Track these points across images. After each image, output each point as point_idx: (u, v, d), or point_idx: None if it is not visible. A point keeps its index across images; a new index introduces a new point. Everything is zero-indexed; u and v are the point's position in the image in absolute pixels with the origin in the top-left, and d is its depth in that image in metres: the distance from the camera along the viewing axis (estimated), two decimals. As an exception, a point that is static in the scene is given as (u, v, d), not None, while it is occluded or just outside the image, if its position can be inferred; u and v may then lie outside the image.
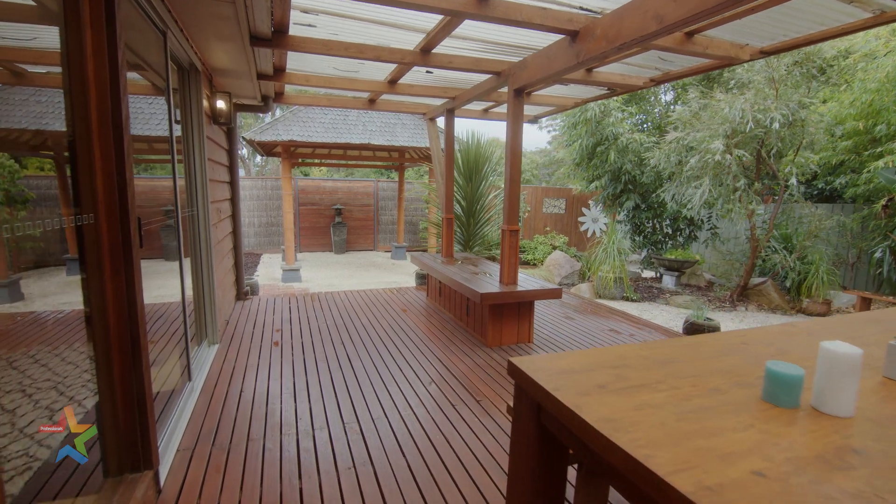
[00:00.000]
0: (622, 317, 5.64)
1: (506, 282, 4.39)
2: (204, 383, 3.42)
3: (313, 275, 10.57)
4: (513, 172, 4.22)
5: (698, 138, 7.46)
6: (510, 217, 4.29)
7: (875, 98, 6.83)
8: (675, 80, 4.78)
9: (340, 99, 6.25)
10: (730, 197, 7.66)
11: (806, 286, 8.32)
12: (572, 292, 8.92)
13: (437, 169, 6.40)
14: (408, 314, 5.42)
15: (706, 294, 9.26)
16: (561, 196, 14.16)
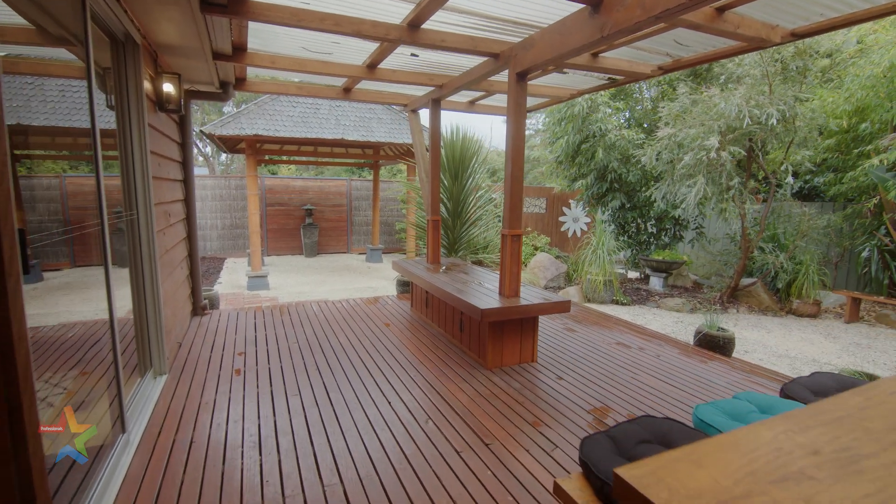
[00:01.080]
0: (626, 327, 5.19)
1: (507, 294, 3.84)
2: (144, 432, 2.73)
3: (282, 281, 9.79)
4: (514, 169, 3.68)
5: (691, 135, 7.12)
6: (512, 220, 3.75)
7: (870, 94, 6.64)
8: (686, 67, 4.35)
9: (311, 87, 5.58)
10: (723, 196, 7.37)
11: (796, 287, 8.14)
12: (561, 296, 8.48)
13: (420, 166, 5.81)
14: (391, 329, 4.81)
15: (695, 295, 9.00)
16: (542, 195, 13.78)
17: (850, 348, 6.33)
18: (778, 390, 3.24)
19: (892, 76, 6.36)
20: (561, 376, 3.67)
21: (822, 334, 6.96)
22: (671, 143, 7.46)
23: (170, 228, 4.14)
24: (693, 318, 7.70)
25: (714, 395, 3.42)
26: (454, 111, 6.16)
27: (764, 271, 8.41)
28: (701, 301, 8.57)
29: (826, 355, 5.99)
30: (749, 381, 3.69)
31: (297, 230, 13.58)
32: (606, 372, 3.80)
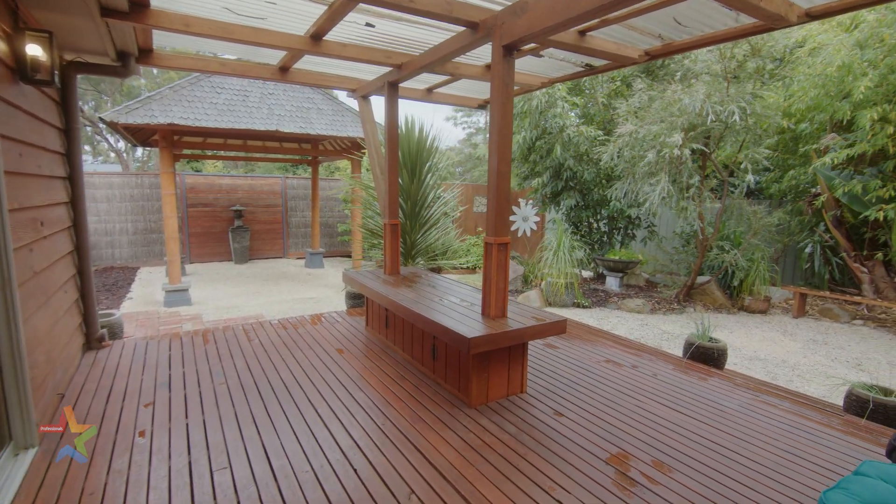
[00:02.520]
0: (608, 339, 4.73)
1: (493, 314, 3.19)
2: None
3: (208, 293, 8.54)
4: (500, 165, 3.03)
5: (654, 131, 6.88)
6: (498, 225, 3.10)
7: (821, 93, 6.72)
8: (676, 53, 3.92)
9: (239, 64, 4.60)
10: (683, 194, 7.22)
11: (747, 284, 8.22)
12: (521, 301, 8.02)
13: (373, 161, 5.01)
14: (346, 358, 4.00)
15: (651, 295, 8.90)
16: (491, 194, 13.31)
17: (810, 345, 6.35)
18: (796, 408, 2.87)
19: (841, 76, 6.44)
20: (559, 411, 3.08)
21: (779, 332, 6.98)
22: (632, 139, 7.20)
23: (43, 242, 3.08)
24: (655, 319, 7.52)
25: (731, 422, 2.97)
26: (407, 99, 5.43)
27: (717, 269, 8.44)
28: (658, 301, 8.45)
29: (792, 355, 5.93)
30: (760, 402, 3.30)
31: (225, 234, 12.17)
32: (607, 400, 3.26)
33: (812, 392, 4.80)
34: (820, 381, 5.07)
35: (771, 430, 2.92)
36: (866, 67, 6.34)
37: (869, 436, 2.88)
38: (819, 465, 2.56)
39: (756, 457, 2.61)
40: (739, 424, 2.98)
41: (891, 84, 6.22)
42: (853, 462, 2.58)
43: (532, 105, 8.28)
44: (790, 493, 2.30)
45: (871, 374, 5.28)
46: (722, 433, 2.86)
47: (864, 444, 2.77)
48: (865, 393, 3.14)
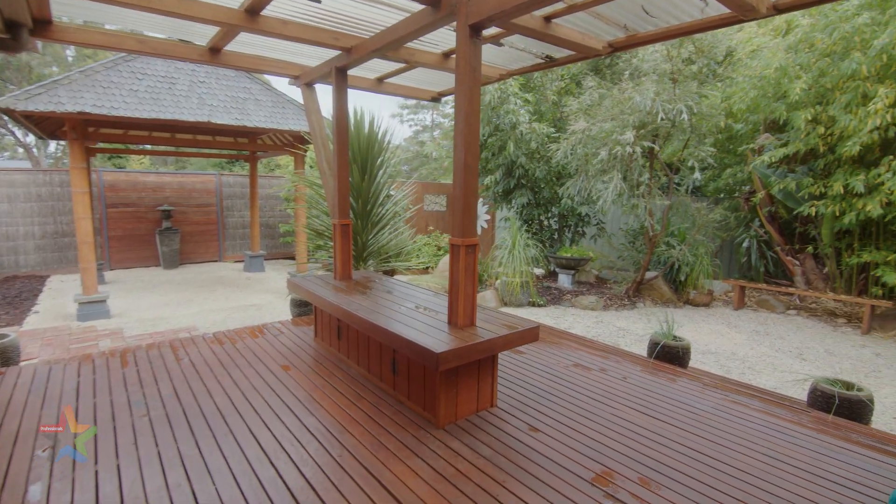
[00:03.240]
0: (572, 340, 4.59)
1: (460, 324, 2.89)
2: None
3: (131, 304, 7.65)
4: (468, 158, 2.74)
5: (606, 129, 6.89)
6: (465, 225, 2.80)
7: (760, 94, 7.00)
8: (639, 45, 3.81)
9: (161, 43, 4.00)
10: (634, 192, 7.30)
11: (691, 278, 8.49)
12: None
13: (320, 156, 4.56)
14: (294, 375, 3.56)
15: (602, 291, 9.00)
16: (442, 192, 13.08)
17: (754, 337, 6.59)
18: (759, 407, 2.83)
19: (778, 78, 6.73)
20: (534, 426, 2.84)
21: (724, 324, 7.23)
22: (585, 137, 7.18)
23: None
24: (608, 315, 7.57)
25: (708, 427, 2.87)
26: (356, 89, 5.02)
27: (664, 265, 8.66)
28: (610, 297, 8.55)
29: (740, 347, 6.11)
30: (731, 402, 3.24)
31: (152, 236, 11.09)
32: (582, 409, 3.07)
33: (764, 384, 4.91)
34: (770, 373, 5.21)
35: (747, 432, 2.83)
36: (799, 71, 6.66)
37: (839, 432, 2.87)
38: (801, 468, 2.48)
39: (739, 464, 2.50)
40: (716, 428, 2.87)
41: (822, 87, 6.56)
42: (833, 462, 2.52)
43: (485, 101, 8.08)
44: (781, 502, 2.18)
45: (812, 363, 5.52)
46: (701, 439, 2.73)
47: (837, 443, 2.74)
48: (830, 388, 3.15)
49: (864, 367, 5.40)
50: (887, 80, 5.92)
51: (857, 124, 6.02)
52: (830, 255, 7.58)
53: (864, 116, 5.93)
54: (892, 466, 2.51)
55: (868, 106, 5.86)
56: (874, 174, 6.14)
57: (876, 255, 6.64)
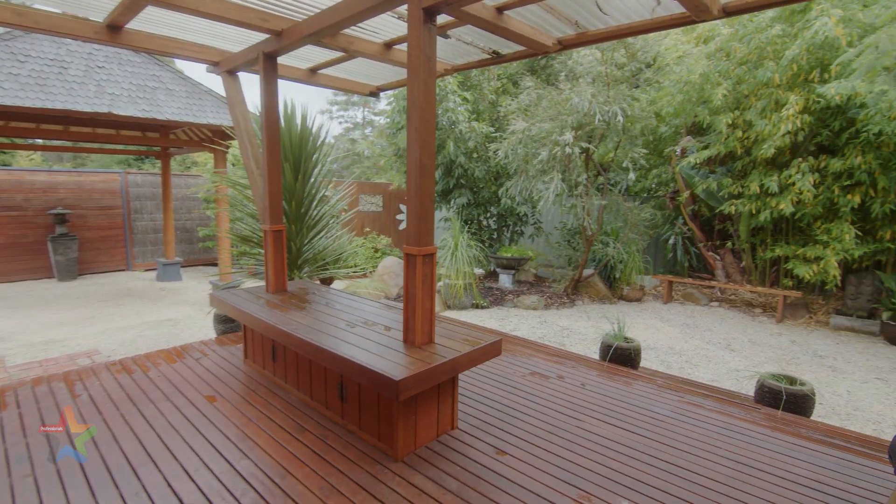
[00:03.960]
0: (525, 346, 4.45)
1: (418, 342, 2.61)
2: None
3: (16, 325, 6.51)
4: (423, 157, 2.46)
5: (546, 129, 6.90)
6: (421, 231, 2.52)
7: (685, 98, 7.35)
8: (589, 44, 3.73)
9: (45, 16, 3.30)
10: (573, 192, 7.39)
11: (624, 275, 8.81)
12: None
13: (246, 154, 4.05)
14: (221, 407, 3.08)
15: (542, 290, 9.09)
16: (378, 192, 12.64)
17: (686, 330, 6.91)
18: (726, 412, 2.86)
19: (702, 84, 7.10)
20: (501, 448, 2.62)
21: (657, 318, 7.53)
22: (525, 137, 7.15)
23: None
24: (551, 315, 7.61)
25: (671, 433, 2.82)
26: (286, 80, 4.55)
27: (600, 263, 8.90)
28: (550, 296, 8.64)
29: (675, 341, 6.35)
30: (686, 403, 3.24)
31: (43, 244, 9.64)
32: (547, 424, 2.90)
33: (702, 377, 5.10)
34: (706, 366, 5.44)
35: (710, 436, 2.81)
36: (719, 78, 7.07)
37: (790, 428, 2.94)
38: (765, 471, 2.47)
39: (709, 472, 2.44)
40: (680, 434, 2.83)
41: (739, 93, 7.01)
42: (794, 462, 2.54)
43: (423, 97, 7.82)
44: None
45: (740, 354, 5.84)
46: (668, 448, 2.67)
47: (791, 440, 2.79)
48: (777, 384, 3.24)
49: (784, 356, 5.81)
50: (796, 88, 6.42)
51: (771, 129, 6.47)
52: (747, 250, 8.16)
53: (777, 121, 6.38)
54: (846, 461, 2.58)
55: (781, 112, 6.31)
56: (786, 175, 6.65)
57: (787, 250, 7.21)
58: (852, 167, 6.18)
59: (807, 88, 6.35)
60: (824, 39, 5.69)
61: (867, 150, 6.07)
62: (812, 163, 6.55)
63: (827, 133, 6.54)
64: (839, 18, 5.54)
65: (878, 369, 5.37)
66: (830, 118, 6.46)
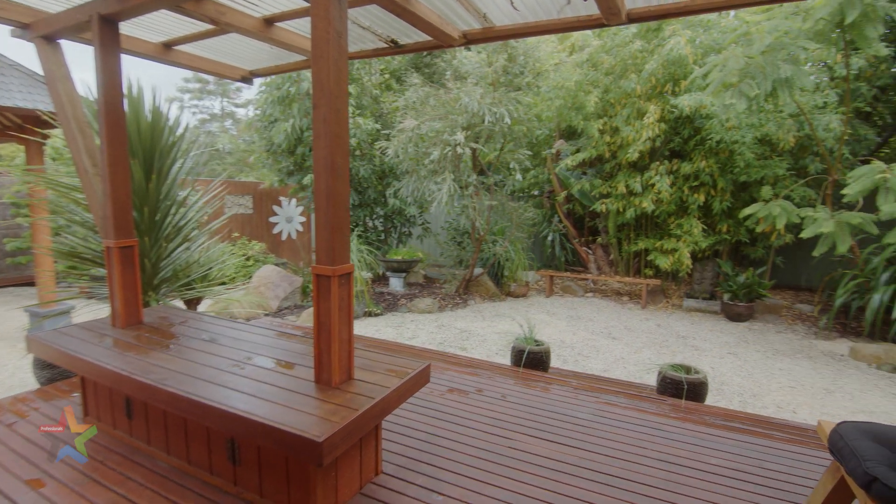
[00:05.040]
0: (435, 358, 4.17)
1: (336, 380, 2.15)
2: None
3: None
4: (335, 156, 2.01)
5: (437, 128, 6.72)
6: (336, 245, 2.07)
7: (563, 104, 7.76)
8: (494, 40, 3.57)
9: None
10: (464, 193, 7.34)
11: (512, 272, 9.10)
12: (301, 323, 6.83)
13: (76, 146, 3.08)
14: (54, 492, 2.24)
15: (434, 292, 8.97)
16: (246, 192, 11.33)
17: (571, 322, 7.32)
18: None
19: (577, 91, 7.56)
20: (434, 488, 2.30)
21: (545, 313, 7.88)
22: (415, 135, 6.89)
23: None
24: (447, 317, 7.49)
25: (598, 439, 2.79)
26: (132, 55, 3.64)
27: (489, 262, 9.07)
28: (443, 297, 8.55)
29: (565, 334, 6.66)
30: (603, 403, 3.27)
31: None
32: (480, 451, 2.66)
33: (594, 369, 5.37)
34: (596, 357, 5.76)
35: (630, 436, 2.84)
36: (590, 86, 7.61)
37: (695, 416, 3.12)
38: (689, 466, 2.54)
39: (639, 476, 2.43)
40: (604, 439, 2.81)
41: (607, 101, 7.62)
42: (712, 454, 2.66)
43: (302, 88, 7.07)
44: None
45: (621, 341, 6.33)
46: (598, 456, 2.61)
47: (701, 429, 2.94)
48: (677, 375, 3.44)
49: (656, 339, 6.44)
50: (654, 98, 7.17)
51: (635, 135, 7.14)
52: (614, 244, 8.99)
53: (640, 128, 7.06)
54: (750, 444, 2.78)
55: (643, 119, 6.99)
56: (647, 177, 7.41)
57: (648, 243, 8.08)
58: (698, 170, 7.11)
59: (662, 99, 7.13)
60: (676, 57, 6.40)
61: (709, 156, 7.03)
62: (667, 166, 7.40)
63: (678, 140, 7.45)
64: (688, 39, 6.29)
65: (727, 344, 6.24)
66: (681, 127, 7.36)
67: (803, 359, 5.71)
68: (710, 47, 6.52)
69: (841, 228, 5.13)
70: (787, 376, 5.13)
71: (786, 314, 7.58)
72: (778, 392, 4.72)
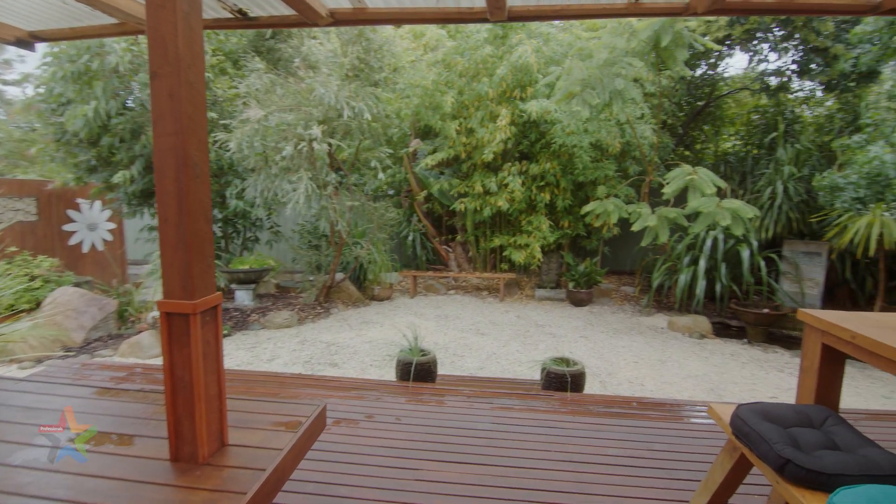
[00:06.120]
0: (310, 384, 3.63)
1: (204, 454, 1.57)
2: None
3: None
4: (187, 145, 1.44)
5: (289, 121, 6.00)
6: (195, 270, 1.50)
7: (421, 103, 7.66)
8: (365, 23, 3.21)
9: None
10: (322, 193, 6.73)
11: (375, 275, 8.77)
12: (128, 352, 5.50)
13: None
14: None
15: (291, 303, 8.14)
16: (27, 193, 8.75)
17: (440, 322, 7.31)
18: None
19: (433, 90, 7.53)
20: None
21: (413, 314, 7.73)
22: (263, 128, 6.05)
23: None
24: (309, 331, 6.81)
25: (506, 448, 2.68)
26: None
27: (351, 266, 8.56)
28: (302, 308, 7.80)
29: (435, 335, 6.58)
30: (499, 409, 3.20)
31: None
32: (379, 491, 2.31)
33: (470, 367, 5.40)
34: (470, 355, 5.79)
35: (533, 440, 2.80)
36: (445, 87, 7.67)
37: (582, 408, 3.24)
38: (591, 461, 2.58)
39: (550, 484, 2.38)
40: (508, 448, 2.71)
41: (462, 103, 7.77)
42: (604, 441, 2.75)
43: (108, 63, 5.62)
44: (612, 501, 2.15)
45: (489, 336, 6.51)
46: (505, 469, 2.50)
47: (591, 420, 3.05)
48: (561, 369, 3.55)
49: (519, 331, 6.79)
50: (504, 102, 7.54)
51: (489, 137, 7.41)
52: (472, 241, 9.30)
53: (493, 130, 7.35)
54: (639, 428, 2.96)
55: (496, 122, 7.29)
56: (501, 177, 7.77)
57: (503, 240, 8.52)
58: (544, 171, 7.71)
59: (512, 104, 7.53)
60: (524, 64, 6.80)
61: (553, 158, 7.66)
62: (518, 167, 7.87)
63: (526, 142, 7.97)
64: (534, 48, 6.72)
65: (577, 329, 6.89)
66: (529, 130, 7.89)
67: (637, 335, 6.60)
68: (551, 59, 7.10)
69: (661, 222, 6.03)
70: (630, 352, 5.85)
71: (615, 296, 8.76)
72: (626, 368, 5.32)
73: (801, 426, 1.82)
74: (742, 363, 5.54)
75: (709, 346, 6.17)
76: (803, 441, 1.70)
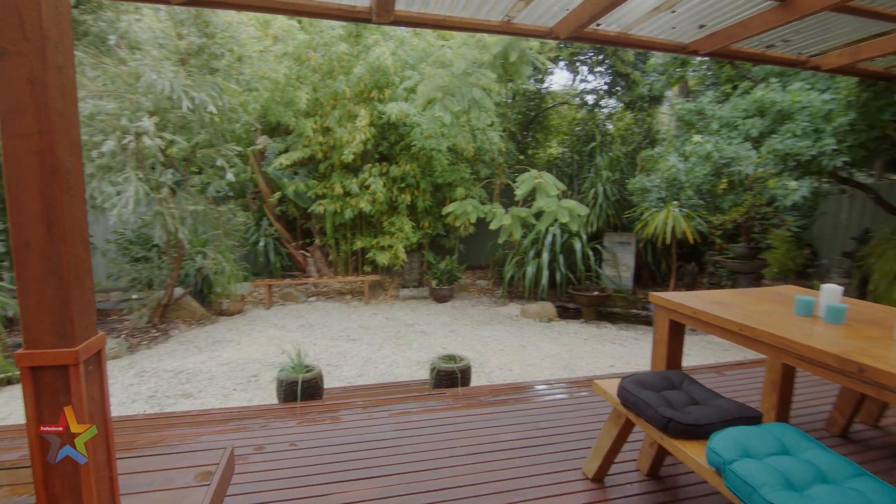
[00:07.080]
0: (176, 422, 3.09)
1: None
2: None
3: None
4: (55, 146, 1.12)
5: (111, 111, 4.98)
6: (74, 311, 1.18)
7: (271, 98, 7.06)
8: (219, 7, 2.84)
9: None
10: (156, 195, 5.76)
11: (223, 287, 7.86)
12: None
13: None
14: None
15: (115, 327, 6.83)
16: None
17: (305, 331, 6.91)
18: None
19: (285, 85, 7.01)
20: None
21: (273, 327, 7.15)
22: (70, 117, 4.89)
23: None
24: (145, 359, 5.79)
25: (406, 458, 2.70)
26: None
27: (192, 279, 7.50)
28: (131, 333, 6.58)
29: (302, 346, 6.18)
30: (398, 415, 3.19)
31: None
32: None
33: (349, 376, 5.24)
34: (346, 365, 5.61)
35: (438, 441, 2.87)
36: (298, 83, 7.23)
37: (476, 400, 3.42)
38: (498, 452, 2.75)
39: (469, 478, 2.49)
40: (418, 452, 2.74)
41: (317, 101, 7.41)
42: (505, 430, 2.96)
43: None
44: (528, 493, 2.34)
45: (362, 343, 6.39)
46: (420, 473, 2.52)
47: (485, 411, 3.24)
48: (450, 366, 3.69)
49: (390, 333, 6.80)
50: (362, 103, 7.43)
51: (348, 137, 7.24)
52: (332, 245, 8.97)
53: (352, 130, 7.20)
54: (525, 410, 3.23)
55: (355, 122, 7.15)
56: (362, 178, 7.66)
57: (365, 242, 8.42)
58: (405, 173, 7.84)
59: (370, 105, 7.47)
60: (381, 65, 6.80)
61: (412, 161, 7.84)
62: (379, 168, 7.85)
63: (386, 144, 7.99)
64: (391, 51, 6.76)
65: (445, 325, 7.19)
66: (388, 132, 7.91)
67: (497, 324, 7.19)
68: (405, 62, 7.24)
69: (514, 220, 6.67)
70: (495, 341, 6.34)
71: (473, 290, 9.38)
72: (495, 356, 5.76)
73: (668, 389, 2.23)
74: (584, 339, 6.48)
75: (556, 328, 7.05)
76: (674, 401, 2.09)
